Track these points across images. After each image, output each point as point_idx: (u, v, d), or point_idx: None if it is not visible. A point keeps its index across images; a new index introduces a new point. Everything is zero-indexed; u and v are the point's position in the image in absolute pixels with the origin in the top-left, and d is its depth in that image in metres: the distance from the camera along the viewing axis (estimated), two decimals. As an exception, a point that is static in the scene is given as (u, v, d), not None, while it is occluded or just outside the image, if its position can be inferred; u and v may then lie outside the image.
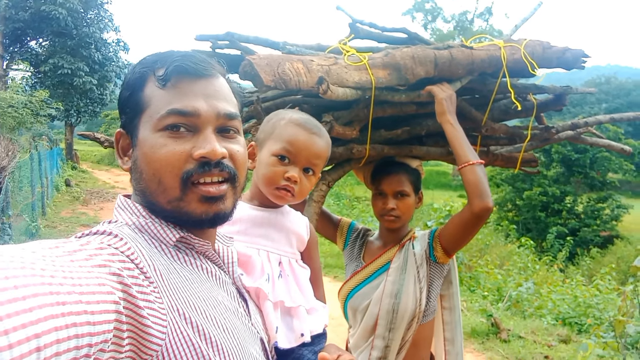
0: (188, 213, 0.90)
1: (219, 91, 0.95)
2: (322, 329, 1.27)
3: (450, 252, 1.99)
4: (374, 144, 2.02)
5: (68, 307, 0.58)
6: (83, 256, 0.69)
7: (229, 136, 0.96)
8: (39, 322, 0.53)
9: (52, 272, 0.60)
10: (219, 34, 1.91)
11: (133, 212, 0.93)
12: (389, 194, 2.02)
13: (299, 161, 1.29)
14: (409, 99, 1.95)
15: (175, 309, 0.81)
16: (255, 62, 1.60)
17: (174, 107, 0.89)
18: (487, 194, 1.85)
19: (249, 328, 1.00)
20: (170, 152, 0.88)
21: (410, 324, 1.96)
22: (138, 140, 0.92)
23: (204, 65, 0.93)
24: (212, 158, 0.89)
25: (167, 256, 0.90)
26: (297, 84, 1.63)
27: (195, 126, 0.90)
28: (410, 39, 2.10)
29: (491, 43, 2.07)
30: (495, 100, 2.22)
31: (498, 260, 11.69)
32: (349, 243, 2.24)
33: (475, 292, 8.68)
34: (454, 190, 31.81)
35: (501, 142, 2.37)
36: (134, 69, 0.95)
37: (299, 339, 1.19)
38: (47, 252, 0.64)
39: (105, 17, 25.05)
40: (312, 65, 1.70)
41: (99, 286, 0.66)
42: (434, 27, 46.25)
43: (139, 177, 0.92)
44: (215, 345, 0.85)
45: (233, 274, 1.06)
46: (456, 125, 1.93)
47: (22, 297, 0.53)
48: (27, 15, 21.62)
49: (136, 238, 0.86)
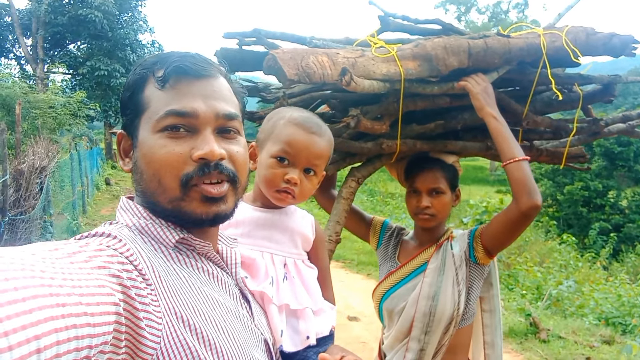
0: (188, 213, 0.90)
1: (218, 91, 0.94)
2: (328, 331, 1.25)
3: (492, 252, 1.89)
4: (406, 138, 1.93)
5: (68, 309, 0.58)
6: (82, 258, 0.69)
7: (229, 137, 0.95)
8: (39, 324, 0.53)
9: (52, 274, 0.60)
10: (245, 31, 1.87)
11: (134, 214, 0.93)
12: (423, 192, 1.94)
13: (298, 162, 1.25)
14: (442, 90, 1.85)
15: (172, 312, 0.81)
16: (278, 56, 1.55)
17: (172, 108, 0.88)
18: (536, 190, 1.74)
19: (252, 330, 0.99)
20: (169, 153, 0.88)
21: (448, 328, 1.88)
22: (138, 141, 0.92)
23: (202, 65, 0.92)
24: (211, 159, 0.89)
25: (167, 258, 0.90)
26: (321, 77, 1.57)
27: (194, 127, 0.90)
28: (445, 30, 2.01)
29: (530, 31, 1.95)
30: (538, 91, 2.10)
31: (538, 258, 11.41)
32: (383, 242, 2.17)
33: (514, 290, 8.48)
34: (491, 185, 31.16)
35: (545, 136, 2.24)
36: (134, 71, 0.95)
37: (304, 341, 1.17)
38: (46, 254, 0.64)
39: (140, 19, 25.63)
40: (337, 58, 1.63)
41: (99, 288, 0.66)
42: (467, 19, 45.35)
43: (140, 177, 0.92)
44: (214, 347, 0.84)
45: (236, 275, 1.05)
46: (499, 118, 1.83)
47: (22, 298, 0.53)
48: (66, 19, 22.31)
49: (135, 239, 0.86)
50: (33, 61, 23.74)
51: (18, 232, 6.24)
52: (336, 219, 1.89)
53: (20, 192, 6.38)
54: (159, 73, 0.90)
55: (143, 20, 25.90)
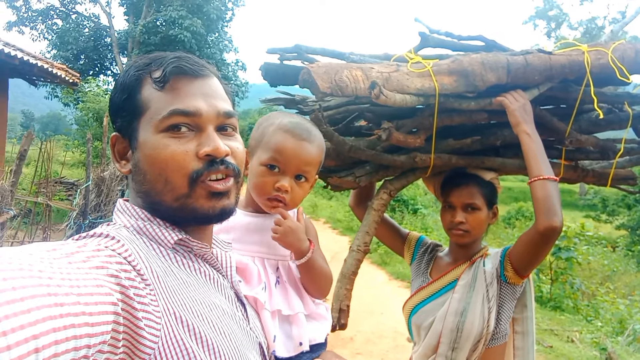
0: (195, 209, 0.91)
1: (216, 90, 0.97)
2: (323, 338, 1.24)
3: (521, 272, 1.85)
4: (441, 153, 1.94)
5: (66, 309, 0.59)
6: (81, 258, 0.70)
7: (227, 134, 0.97)
8: (37, 324, 0.54)
9: (50, 274, 0.60)
10: (287, 47, 1.98)
11: (132, 215, 0.94)
12: (458, 207, 1.93)
13: (289, 169, 1.25)
14: (479, 106, 1.85)
15: (171, 312, 0.81)
16: (313, 70, 1.62)
17: (177, 108, 0.90)
18: (555, 212, 1.69)
19: (247, 332, 0.99)
20: (175, 152, 0.89)
21: (477, 346, 1.84)
22: (138, 142, 0.92)
23: (199, 65, 0.95)
24: (218, 155, 0.91)
25: (165, 258, 0.90)
26: (354, 90, 1.62)
27: (197, 125, 0.92)
28: (488, 47, 2.00)
29: (574, 48, 1.90)
30: (584, 110, 2.03)
31: (625, 290, 10.57)
32: (417, 257, 2.17)
33: (592, 322, 7.90)
34: (580, 210, 29.25)
35: (592, 156, 2.16)
36: (127, 73, 0.95)
37: (297, 347, 1.17)
38: (44, 255, 0.65)
39: (225, 39, 26.91)
40: (371, 73, 1.68)
41: (97, 287, 0.66)
42: (558, 35, 43.28)
43: (142, 178, 0.92)
44: (212, 348, 0.85)
45: (231, 278, 1.05)
46: (534, 136, 1.80)
47: (20, 298, 0.54)
48: (158, 39, 23.88)
49: (134, 240, 0.86)
50: (128, 78, 25.63)
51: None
52: (365, 229, 1.92)
53: (101, 197, 6.91)
54: (157, 74, 0.91)
55: (228, 40, 27.19)
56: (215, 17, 24.96)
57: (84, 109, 16.90)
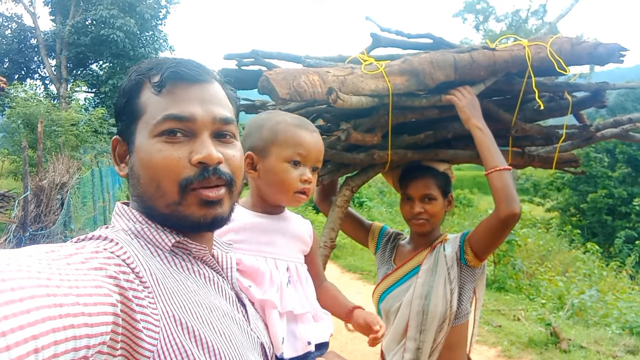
0: (186, 217, 0.91)
1: (214, 96, 0.96)
2: (328, 337, 1.27)
3: (480, 256, 1.97)
4: (397, 149, 2.03)
5: (65, 309, 0.59)
6: (79, 259, 0.70)
7: (225, 141, 0.96)
8: (36, 324, 0.54)
9: (48, 275, 0.60)
10: (244, 52, 2.00)
11: (129, 218, 0.93)
12: (416, 198, 2.02)
13: (309, 161, 1.30)
14: (430, 103, 1.95)
15: (169, 315, 0.81)
16: (271, 77, 1.66)
17: (170, 113, 0.89)
18: (514, 199, 1.82)
19: (248, 333, 0.99)
20: (167, 158, 0.89)
21: (442, 326, 1.96)
22: (135, 146, 0.93)
23: (198, 70, 0.94)
24: (209, 163, 0.90)
25: (163, 261, 0.90)
26: (312, 95, 1.68)
27: (191, 131, 0.91)
28: (436, 44, 2.10)
29: (515, 43, 2.03)
30: (528, 100, 2.17)
31: (561, 267, 11.20)
32: (380, 247, 2.26)
33: (535, 300, 8.35)
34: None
35: (537, 142, 2.31)
36: (129, 77, 0.95)
37: (305, 347, 1.18)
38: (43, 256, 0.65)
39: (160, 38, 26.11)
40: (327, 77, 1.73)
41: (96, 288, 0.66)
42: (486, 28, 44.96)
43: (137, 182, 0.92)
44: (211, 349, 0.85)
45: (231, 279, 1.05)
46: (484, 129, 1.92)
47: (20, 299, 0.54)
48: (88, 39, 22.86)
49: (132, 243, 0.86)
50: (57, 81, 24.33)
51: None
52: (331, 225, 1.99)
53: (40, 207, 6.60)
54: (155, 78, 0.91)
55: (163, 39, 26.38)
56: (149, 16, 24.20)
57: (12, 115, 15.99)
